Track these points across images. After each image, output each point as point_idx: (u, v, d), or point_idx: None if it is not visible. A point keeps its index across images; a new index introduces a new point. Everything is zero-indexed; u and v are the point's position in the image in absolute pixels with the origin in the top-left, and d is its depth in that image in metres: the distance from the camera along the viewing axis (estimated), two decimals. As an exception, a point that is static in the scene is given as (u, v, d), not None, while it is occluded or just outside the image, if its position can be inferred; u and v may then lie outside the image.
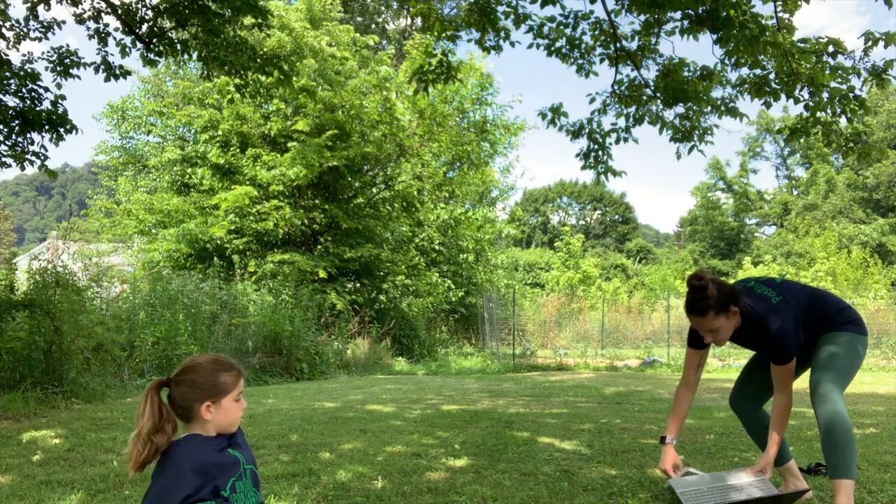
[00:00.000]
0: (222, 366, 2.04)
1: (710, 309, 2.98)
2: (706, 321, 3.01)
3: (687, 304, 3.05)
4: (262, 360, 10.85)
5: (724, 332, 3.07)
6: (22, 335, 6.79)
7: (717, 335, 3.07)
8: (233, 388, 2.01)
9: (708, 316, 3.00)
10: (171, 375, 2.02)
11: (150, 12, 7.11)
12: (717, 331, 3.05)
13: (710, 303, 2.98)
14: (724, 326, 3.04)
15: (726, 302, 2.99)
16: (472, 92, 17.48)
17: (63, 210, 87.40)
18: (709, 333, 3.07)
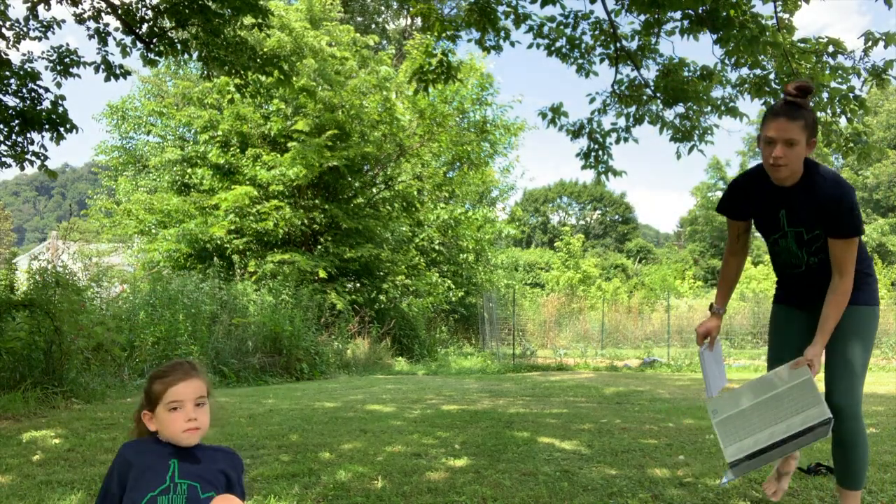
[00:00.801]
0: (158, 373, 1.88)
1: (804, 119, 2.58)
2: (792, 128, 2.56)
3: (779, 106, 2.62)
4: (262, 360, 10.85)
5: (796, 158, 2.60)
6: (22, 335, 6.78)
7: (789, 154, 2.57)
8: (160, 397, 1.81)
9: (796, 123, 2.56)
10: None
11: (150, 12, 7.11)
12: (793, 145, 2.57)
13: (806, 114, 2.59)
14: (799, 149, 2.59)
15: (814, 125, 2.64)
16: (472, 92, 17.48)
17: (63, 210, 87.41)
18: (784, 146, 2.57)
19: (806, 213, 2.71)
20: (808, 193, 2.69)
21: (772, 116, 2.60)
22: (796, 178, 2.68)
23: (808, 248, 2.76)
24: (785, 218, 2.78)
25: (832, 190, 2.63)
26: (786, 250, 2.84)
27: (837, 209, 2.61)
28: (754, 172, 2.84)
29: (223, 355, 10.29)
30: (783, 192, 2.74)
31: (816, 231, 2.70)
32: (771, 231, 2.85)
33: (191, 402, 1.80)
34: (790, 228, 2.78)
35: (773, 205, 2.79)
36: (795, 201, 2.73)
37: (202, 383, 1.85)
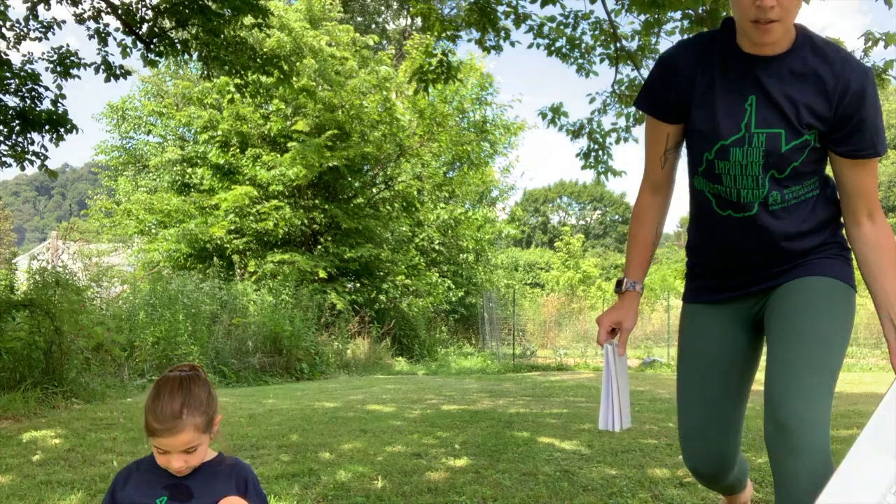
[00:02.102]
0: (149, 406, 1.64)
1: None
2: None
3: None
4: (262, 360, 10.85)
5: (795, 5, 1.56)
6: (22, 335, 6.78)
7: (782, 5, 1.52)
8: (147, 434, 1.64)
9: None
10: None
11: (151, 12, 7.11)
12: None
13: None
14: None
15: None
16: (472, 92, 17.48)
17: (63, 210, 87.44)
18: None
19: (797, 102, 1.64)
20: (804, 71, 1.64)
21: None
22: (785, 42, 1.64)
23: (781, 168, 1.67)
24: (753, 109, 1.66)
25: (849, 70, 1.61)
26: (737, 171, 1.70)
27: (861, 104, 1.61)
28: (706, 37, 1.76)
29: (223, 355, 10.29)
30: (757, 66, 1.65)
31: (808, 136, 1.65)
32: (718, 133, 1.69)
33: (176, 451, 1.62)
34: (759, 130, 1.65)
35: (736, 86, 1.68)
36: (779, 82, 1.64)
37: (191, 434, 1.62)
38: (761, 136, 1.66)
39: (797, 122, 1.64)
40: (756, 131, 1.66)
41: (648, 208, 1.89)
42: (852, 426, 5.53)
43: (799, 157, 1.67)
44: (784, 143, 1.65)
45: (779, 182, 1.69)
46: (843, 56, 1.66)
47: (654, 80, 1.80)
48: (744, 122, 1.67)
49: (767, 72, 1.65)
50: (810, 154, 1.68)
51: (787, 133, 1.65)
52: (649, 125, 1.84)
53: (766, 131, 1.66)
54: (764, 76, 1.65)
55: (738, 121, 1.67)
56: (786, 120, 1.64)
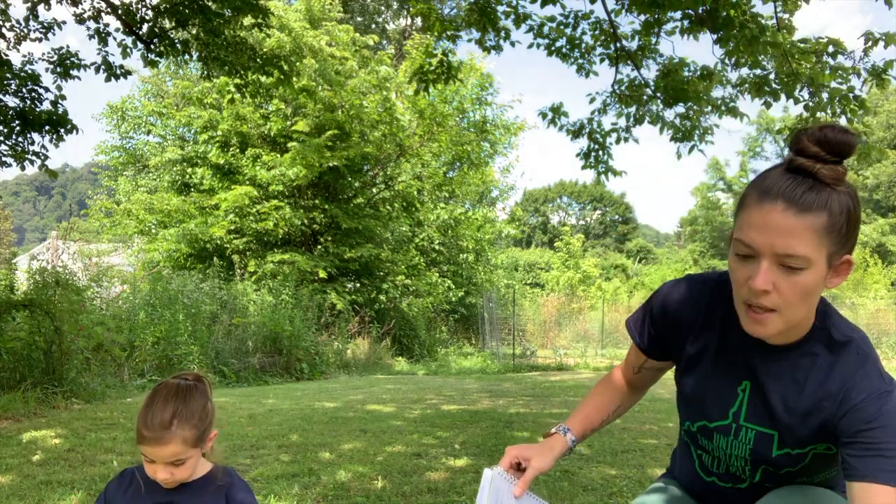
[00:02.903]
0: (142, 413, 1.58)
1: (827, 212, 1.17)
2: (799, 231, 1.16)
3: (779, 179, 1.19)
4: (262, 360, 10.85)
5: (800, 298, 1.22)
6: (22, 335, 6.79)
7: (786, 287, 1.20)
8: (137, 440, 1.59)
9: (809, 221, 1.16)
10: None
11: (151, 12, 7.11)
12: (797, 271, 1.19)
13: (834, 200, 1.18)
14: (811, 278, 1.19)
15: (849, 225, 1.20)
16: (472, 92, 17.48)
17: (63, 210, 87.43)
18: (775, 266, 1.19)
19: (794, 412, 1.32)
20: (808, 376, 1.31)
21: (760, 197, 1.19)
22: (794, 336, 1.31)
23: (776, 466, 1.38)
24: (746, 398, 1.38)
25: (862, 388, 1.25)
26: (721, 454, 1.44)
27: (871, 430, 1.23)
28: (715, 287, 1.43)
29: (223, 355, 10.29)
30: (755, 352, 1.36)
31: (810, 448, 1.34)
32: (703, 412, 1.43)
33: (162, 462, 1.56)
34: (748, 424, 1.37)
35: (730, 365, 1.39)
36: (777, 381, 1.34)
37: (179, 447, 1.55)
38: (750, 433, 1.38)
39: (792, 433, 1.33)
40: (745, 425, 1.38)
41: (619, 384, 1.66)
42: (852, 426, 5.52)
43: (796, 464, 1.37)
44: (775, 448, 1.36)
45: (777, 476, 1.41)
46: (859, 361, 1.28)
47: (649, 313, 1.52)
48: (732, 409, 1.39)
49: (766, 364, 1.34)
50: (814, 462, 1.37)
51: (780, 439, 1.35)
52: (633, 350, 1.62)
53: (755, 428, 1.37)
54: (760, 367, 1.35)
55: (726, 406, 1.40)
56: (780, 425, 1.34)
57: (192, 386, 1.63)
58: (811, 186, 1.16)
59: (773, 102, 6.66)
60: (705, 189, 45.97)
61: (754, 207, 1.19)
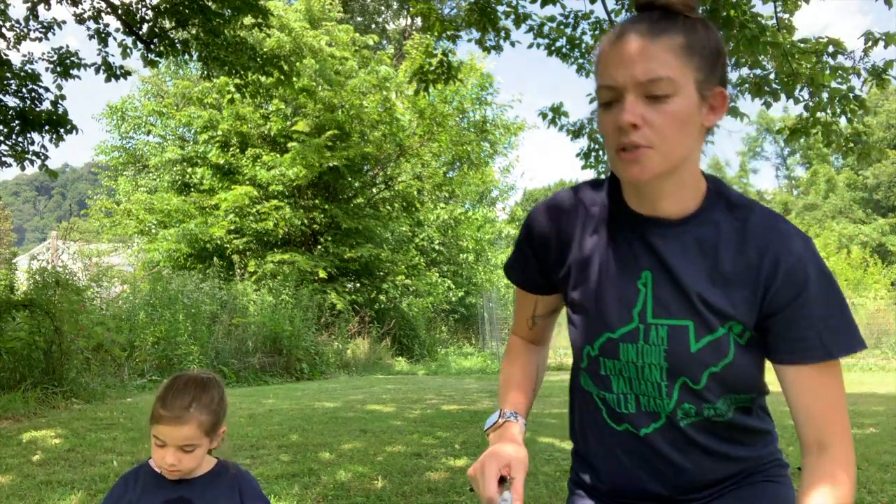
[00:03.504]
0: (160, 395, 1.60)
1: (683, 36, 1.08)
2: (659, 55, 1.05)
3: (627, 23, 1.12)
4: (262, 360, 10.85)
5: (677, 132, 1.08)
6: (22, 335, 6.79)
7: (656, 119, 1.06)
8: (150, 423, 1.59)
9: (666, 43, 1.06)
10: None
11: (151, 12, 7.11)
12: (665, 98, 1.06)
13: (690, 28, 1.09)
14: (682, 106, 1.07)
15: (717, 55, 1.12)
16: (472, 92, 17.48)
17: (63, 210, 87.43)
18: (639, 97, 1.06)
19: (707, 284, 1.14)
20: (716, 240, 1.15)
21: (612, 41, 1.10)
22: (690, 200, 1.17)
23: (695, 375, 1.16)
24: (649, 291, 1.17)
25: (778, 240, 1.12)
26: (632, 373, 1.20)
27: (799, 288, 1.10)
28: (589, 186, 1.29)
29: (223, 355, 10.29)
30: (651, 230, 1.18)
31: (723, 329, 1.14)
32: (603, 321, 1.21)
33: (173, 446, 1.56)
34: (657, 321, 1.17)
35: (626, 256, 1.20)
36: (683, 256, 1.16)
37: (194, 430, 1.56)
38: (661, 331, 1.15)
39: (708, 312, 1.13)
40: (654, 322, 1.16)
41: (522, 348, 1.43)
42: (852, 426, 5.52)
43: (718, 361, 1.14)
44: (693, 340, 1.14)
45: (695, 395, 1.17)
46: (770, 221, 1.14)
47: (520, 245, 1.32)
48: (636, 308, 1.17)
49: (666, 240, 1.15)
50: (738, 357, 1.14)
51: (697, 326, 1.14)
52: (519, 295, 1.40)
53: (666, 323, 1.15)
54: (661, 246, 1.16)
55: (628, 307, 1.17)
56: (693, 308, 1.13)
57: (210, 378, 1.67)
58: (662, 15, 1.09)
59: (773, 102, 6.66)
60: (705, 189, 45.94)
61: (609, 51, 1.09)
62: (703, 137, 1.16)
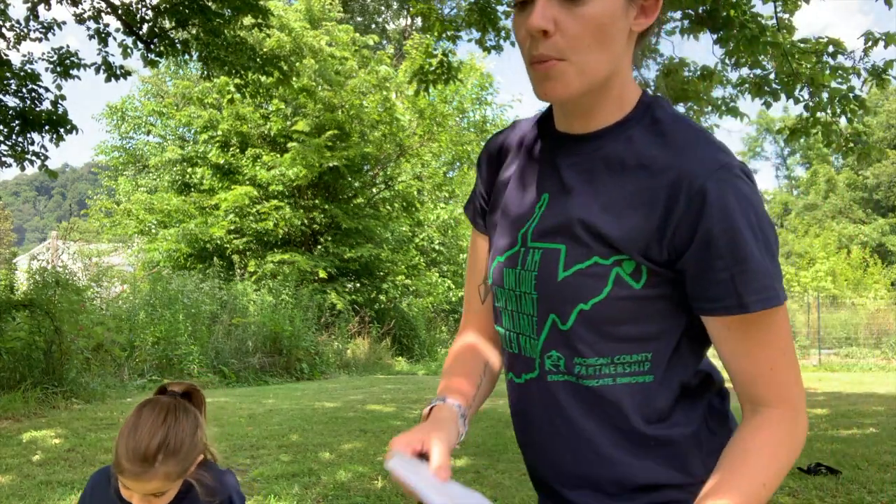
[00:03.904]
0: (123, 433, 1.43)
1: None
2: None
3: None
4: (262, 360, 10.85)
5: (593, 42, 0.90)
6: (22, 335, 6.79)
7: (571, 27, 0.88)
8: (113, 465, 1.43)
9: None
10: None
11: (151, 12, 7.11)
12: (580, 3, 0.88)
13: None
14: (598, 13, 0.89)
15: None
16: (471, 92, 17.49)
17: (63, 210, 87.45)
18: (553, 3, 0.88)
19: (600, 204, 0.96)
20: (624, 158, 0.97)
21: None
22: (606, 116, 0.99)
23: (562, 310, 0.97)
24: (539, 215, 1.03)
25: (697, 161, 0.91)
26: (513, 304, 1.05)
27: (711, 220, 0.88)
28: (534, 116, 1.15)
29: (223, 355, 10.29)
30: (560, 149, 1.04)
31: (601, 260, 0.95)
32: (495, 245, 1.10)
33: (140, 493, 1.43)
34: (535, 244, 1.01)
35: (533, 178, 1.06)
36: (584, 173, 0.99)
37: (160, 482, 1.41)
38: (535, 254, 1.00)
39: (588, 237, 0.95)
40: (532, 246, 1.01)
41: (467, 344, 1.21)
42: (852, 426, 5.53)
43: (588, 296, 0.94)
44: (562, 266, 0.96)
45: (564, 339, 0.97)
46: (691, 135, 0.94)
47: (479, 168, 1.19)
48: (522, 230, 1.03)
49: (570, 158, 1.00)
50: (617, 298, 0.93)
51: (569, 251, 0.96)
52: (471, 240, 1.22)
53: (542, 246, 0.99)
54: (564, 166, 1.00)
55: (518, 228, 1.04)
56: (570, 232, 0.96)
57: (182, 406, 1.49)
58: None
59: (773, 102, 6.66)
60: (705, 189, 45.98)
61: None
62: (632, 45, 0.98)
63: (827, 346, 15.70)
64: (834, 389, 9.12)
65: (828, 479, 3.68)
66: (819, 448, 4.43)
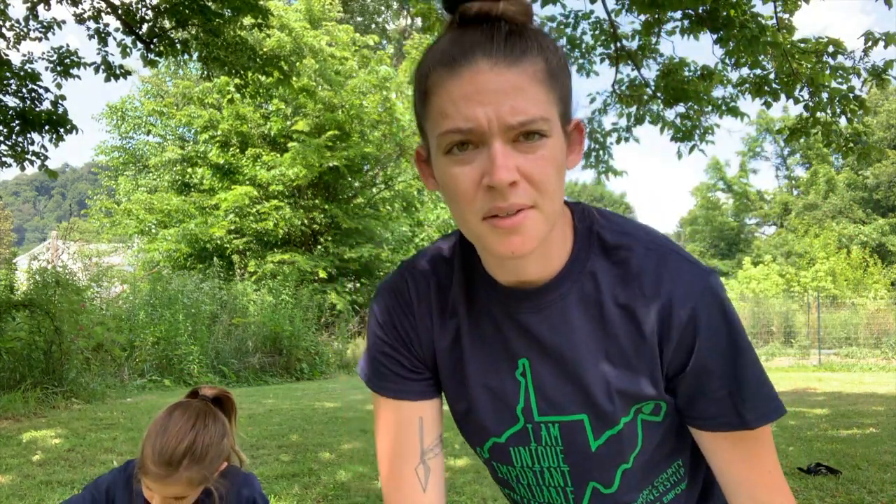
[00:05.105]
0: (149, 436, 1.45)
1: (537, 50, 0.81)
2: (517, 78, 0.78)
3: (460, 42, 0.80)
4: (262, 360, 10.85)
5: (549, 181, 0.80)
6: (22, 335, 6.79)
7: (532, 167, 0.78)
8: (139, 467, 1.46)
9: (525, 63, 0.79)
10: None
11: (151, 12, 7.11)
12: (537, 146, 0.79)
13: (534, 37, 0.82)
14: (554, 147, 0.80)
15: (569, 80, 0.86)
16: (472, 92, 17.48)
17: (63, 210, 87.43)
18: (509, 142, 0.78)
19: (598, 363, 0.91)
20: (596, 299, 0.91)
21: (450, 68, 0.79)
22: (556, 254, 0.91)
23: (605, 476, 0.97)
24: (528, 382, 0.94)
25: (670, 284, 0.89)
26: (530, 478, 1.01)
27: (702, 342, 0.88)
28: (434, 259, 1.01)
29: (223, 355, 10.29)
30: (521, 305, 0.93)
31: (626, 419, 0.93)
32: (483, 426, 0.99)
33: (160, 497, 1.45)
34: (545, 418, 0.94)
35: (497, 341, 0.95)
36: (562, 328, 0.92)
37: (183, 487, 1.42)
38: (553, 430, 0.94)
39: (605, 401, 0.91)
40: (542, 420, 0.94)
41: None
42: (852, 426, 5.53)
43: (628, 456, 0.94)
44: (591, 437, 0.93)
45: (609, 500, 0.98)
46: (655, 259, 0.90)
47: (376, 347, 1.00)
48: (520, 405, 0.95)
49: (538, 314, 0.92)
50: (652, 441, 0.95)
51: (593, 420, 0.93)
52: (385, 413, 1.02)
53: (557, 420, 0.94)
54: (535, 324, 0.92)
55: (509, 403, 0.95)
56: (585, 398, 0.92)
57: (212, 413, 1.49)
58: (507, 31, 0.80)
59: (773, 102, 6.66)
60: (705, 189, 46.01)
61: (450, 84, 0.78)
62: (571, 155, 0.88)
63: (827, 346, 15.71)
64: (834, 389, 9.13)
65: (828, 479, 3.68)
66: (819, 448, 4.43)
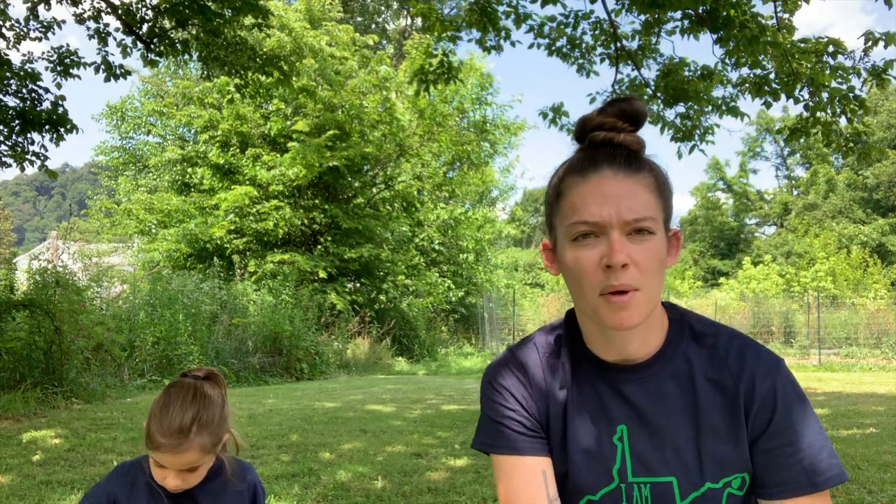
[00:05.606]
0: (155, 413, 1.48)
1: (648, 168, 1.05)
2: (633, 186, 1.01)
3: (589, 159, 1.05)
4: (262, 360, 10.85)
5: (653, 273, 1.02)
6: (22, 335, 6.79)
7: (638, 264, 1.00)
8: (147, 444, 1.48)
9: (639, 176, 1.03)
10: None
11: (151, 12, 7.11)
12: (646, 240, 1.01)
13: (651, 169, 1.06)
14: (659, 243, 1.03)
15: (671, 195, 1.08)
16: (472, 92, 17.48)
17: (63, 210, 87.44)
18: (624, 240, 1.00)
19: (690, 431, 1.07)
20: (689, 375, 1.08)
21: (581, 177, 1.04)
22: (654, 337, 1.11)
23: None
24: (626, 447, 1.09)
25: (751, 361, 1.07)
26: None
27: (778, 411, 1.04)
28: (546, 337, 1.19)
29: (223, 355, 10.29)
30: (621, 379, 1.10)
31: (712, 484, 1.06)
32: (579, 484, 1.11)
33: (175, 469, 1.47)
34: (639, 479, 1.08)
35: (598, 410, 1.11)
36: (659, 401, 1.09)
37: (196, 454, 1.46)
38: (644, 490, 1.07)
39: (694, 464, 1.05)
40: (635, 481, 1.07)
41: None
42: (852, 426, 5.54)
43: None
44: (678, 497, 1.06)
45: None
46: (738, 343, 1.09)
47: (494, 412, 1.14)
48: (616, 466, 1.08)
49: (638, 387, 1.08)
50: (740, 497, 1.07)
51: (682, 482, 1.05)
52: (510, 471, 1.12)
53: (649, 481, 1.07)
54: (634, 395, 1.08)
55: (606, 465, 1.08)
56: (677, 461, 1.06)
57: (208, 386, 1.56)
58: (626, 153, 1.04)
59: (773, 102, 6.66)
60: (705, 189, 46.02)
61: (581, 186, 1.03)
62: (669, 255, 1.09)
63: (827, 346, 15.72)
64: (834, 389, 9.13)
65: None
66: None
